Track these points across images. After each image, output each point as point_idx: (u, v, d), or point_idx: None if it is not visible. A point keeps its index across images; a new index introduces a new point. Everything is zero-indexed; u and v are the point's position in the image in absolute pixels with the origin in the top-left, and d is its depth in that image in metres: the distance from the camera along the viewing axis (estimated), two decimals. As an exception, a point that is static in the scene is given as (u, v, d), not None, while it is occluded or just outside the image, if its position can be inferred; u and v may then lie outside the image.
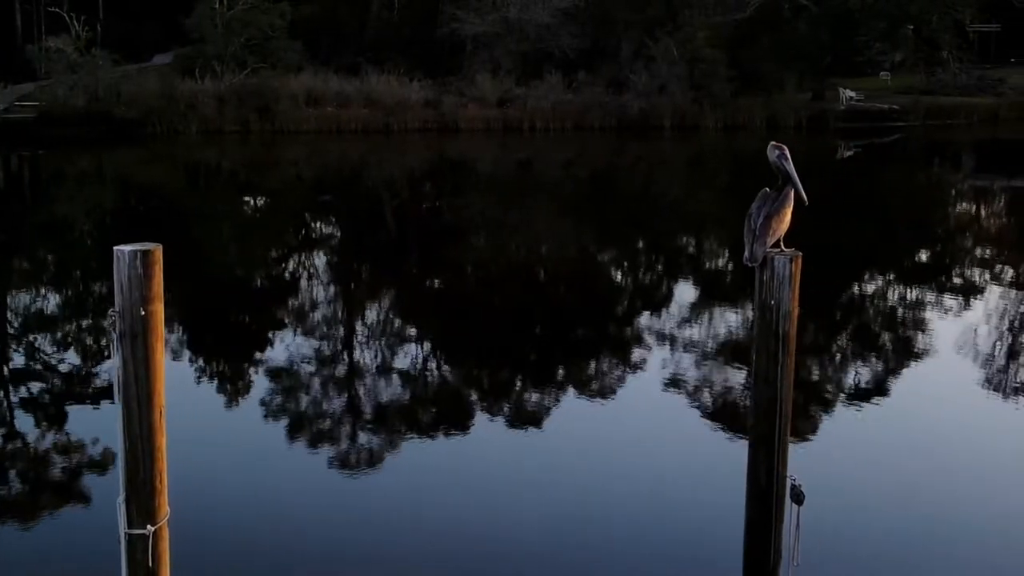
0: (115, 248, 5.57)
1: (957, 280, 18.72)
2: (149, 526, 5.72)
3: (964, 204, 30.83)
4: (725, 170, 40.18)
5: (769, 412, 6.29)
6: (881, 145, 44.25)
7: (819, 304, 16.51)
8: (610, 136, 46.05)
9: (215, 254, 22.81)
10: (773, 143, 6.43)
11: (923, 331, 14.41)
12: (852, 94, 48.31)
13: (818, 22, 48.41)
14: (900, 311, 16.25)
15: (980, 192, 33.27)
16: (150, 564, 5.74)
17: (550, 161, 41.59)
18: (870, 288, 18.17)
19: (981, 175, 38.30)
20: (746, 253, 6.22)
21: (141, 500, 5.73)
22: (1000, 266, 20.17)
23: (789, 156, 6.36)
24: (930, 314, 15.67)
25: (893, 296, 17.49)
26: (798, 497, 6.33)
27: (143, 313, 5.57)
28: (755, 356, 6.36)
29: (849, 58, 50.04)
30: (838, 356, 13.55)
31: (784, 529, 6.37)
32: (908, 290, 18.07)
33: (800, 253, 6.24)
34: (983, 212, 29.19)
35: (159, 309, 5.64)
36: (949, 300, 16.93)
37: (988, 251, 22.18)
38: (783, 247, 6.30)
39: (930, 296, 17.44)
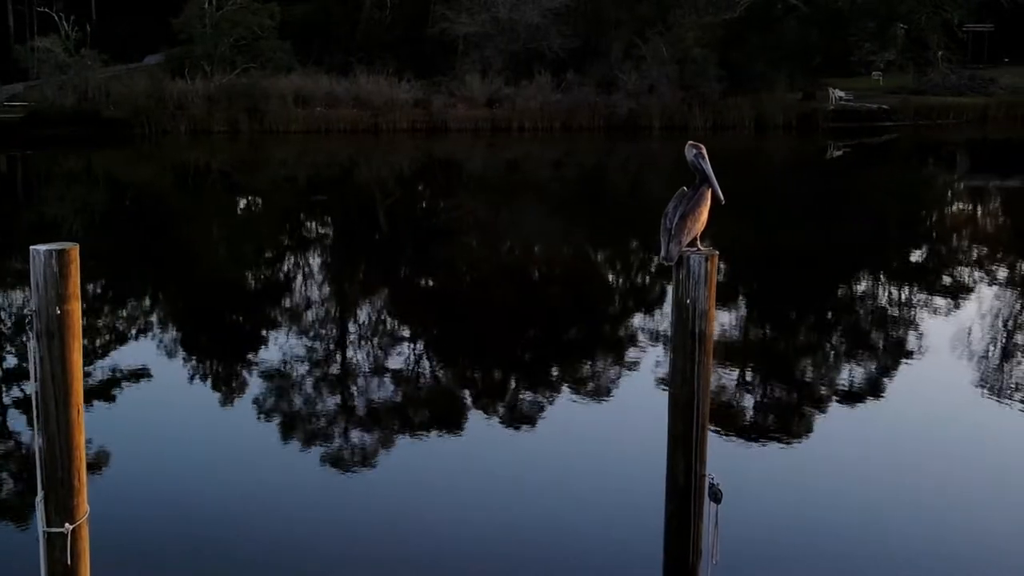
0: (31, 248, 5.61)
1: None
2: (68, 524, 5.77)
3: (950, 203, 30.81)
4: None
5: (686, 411, 6.33)
6: (870, 145, 44.27)
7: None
8: (598, 136, 46.10)
9: (207, 254, 22.87)
10: (691, 142, 6.47)
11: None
12: (842, 94, 48.34)
13: (808, 22, 48.41)
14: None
15: (966, 191, 33.31)
16: (68, 562, 5.78)
17: (539, 161, 41.63)
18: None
19: (967, 174, 38.34)
20: (662, 252, 6.25)
21: (60, 499, 5.77)
22: (973, 266, 20.21)
23: (706, 155, 6.40)
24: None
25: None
26: (716, 496, 6.37)
27: (59, 312, 5.63)
28: (672, 355, 6.40)
29: (839, 58, 50.03)
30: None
31: (704, 528, 6.43)
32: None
33: (716, 252, 6.27)
34: (967, 211, 29.22)
35: (76, 308, 5.69)
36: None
37: (965, 250, 22.22)
38: (700, 245, 6.34)
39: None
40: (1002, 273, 19.17)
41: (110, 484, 8.92)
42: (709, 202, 6.36)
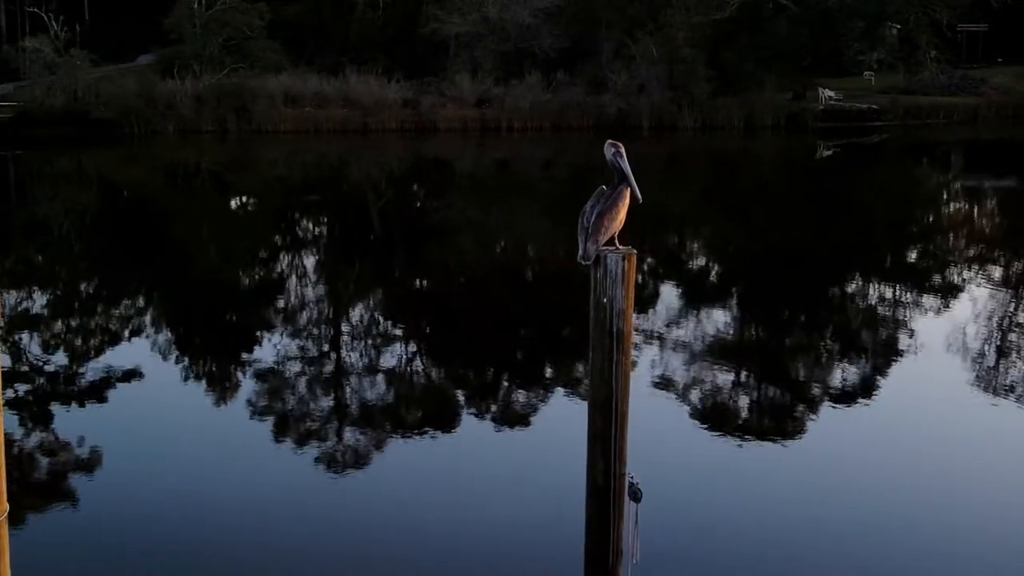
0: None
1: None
2: (-17, 521, 5.73)
3: (939, 203, 30.85)
4: (701, 170, 40.23)
5: (605, 410, 6.29)
6: (859, 145, 44.24)
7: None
8: (588, 136, 46.01)
9: (200, 254, 22.93)
10: (610, 141, 6.43)
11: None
12: (831, 94, 48.28)
13: (798, 22, 48.32)
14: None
15: (956, 191, 33.37)
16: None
17: (529, 161, 41.62)
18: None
19: (957, 174, 38.34)
20: (580, 251, 6.23)
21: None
22: (962, 265, 20.26)
23: (625, 154, 6.36)
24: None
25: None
26: (636, 495, 6.34)
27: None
28: (591, 354, 6.37)
29: (830, 58, 49.96)
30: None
31: (624, 527, 6.40)
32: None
33: (634, 251, 6.24)
34: (957, 211, 29.26)
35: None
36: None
37: (955, 249, 22.24)
38: (618, 244, 6.31)
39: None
40: (991, 272, 19.21)
41: (105, 483, 9.02)
42: (627, 201, 6.32)
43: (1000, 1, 50.39)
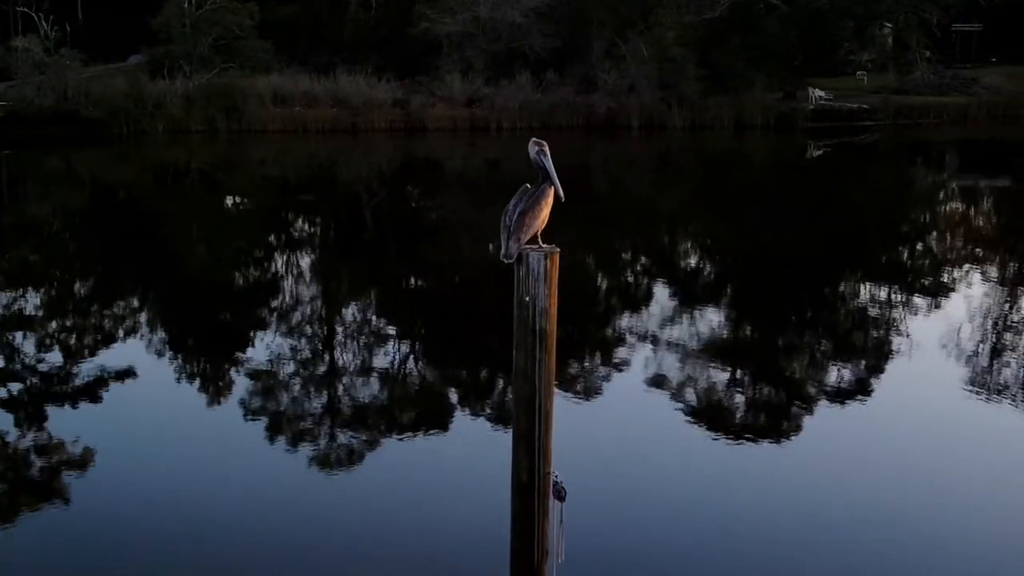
0: None
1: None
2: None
3: (927, 202, 30.84)
4: (691, 169, 40.25)
5: (529, 409, 6.28)
6: (849, 144, 44.23)
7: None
8: (577, 136, 46.05)
9: (193, 254, 22.98)
10: (534, 139, 6.42)
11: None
12: (821, 93, 48.26)
13: (788, 22, 48.30)
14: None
15: (945, 190, 33.41)
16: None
17: (518, 161, 41.50)
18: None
19: (946, 173, 38.37)
20: (502, 249, 6.22)
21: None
22: (950, 264, 20.27)
23: (548, 153, 6.35)
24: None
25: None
26: (560, 494, 6.33)
27: None
28: (515, 353, 6.36)
29: (820, 58, 49.94)
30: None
31: (549, 526, 6.38)
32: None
33: (558, 249, 6.23)
34: (946, 210, 29.27)
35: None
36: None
37: (945, 249, 22.27)
38: (541, 243, 6.30)
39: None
40: (982, 270, 19.22)
41: (98, 482, 9.05)
42: (551, 200, 6.31)
43: (989, 0, 50.37)
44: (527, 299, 6.18)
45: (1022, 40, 58.09)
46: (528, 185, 6.39)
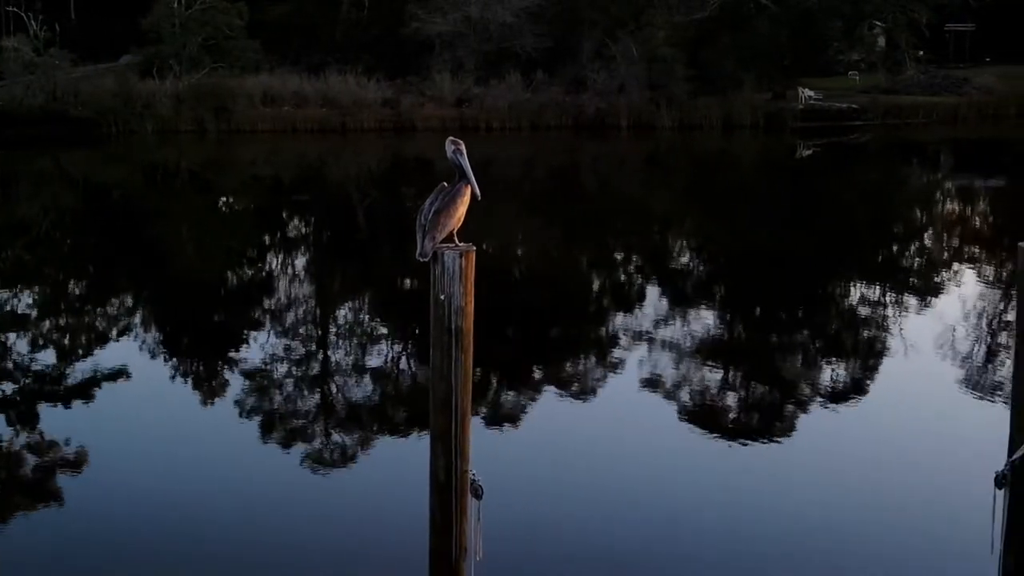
0: None
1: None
2: None
3: (914, 201, 30.90)
4: (680, 169, 40.31)
5: (445, 408, 6.29)
6: (838, 144, 44.27)
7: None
8: (566, 136, 46.11)
9: (187, 254, 23.05)
10: (451, 138, 6.43)
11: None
12: (811, 93, 48.26)
13: (778, 22, 48.31)
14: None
15: (930, 190, 33.47)
16: None
17: (508, 161, 41.68)
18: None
19: (931, 172, 38.42)
20: (417, 248, 6.23)
21: None
22: (933, 261, 20.33)
23: (465, 151, 6.36)
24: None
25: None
26: (477, 492, 6.35)
27: None
28: (432, 352, 6.38)
29: (810, 57, 49.95)
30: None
31: (467, 524, 6.40)
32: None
33: (473, 248, 6.24)
34: (931, 209, 29.33)
35: None
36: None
37: (931, 249, 22.32)
38: (457, 241, 6.31)
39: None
40: (971, 269, 19.25)
41: (91, 482, 9.12)
42: (467, 199, 6.33)
43: (979, 0, 50.43)
44: (442, 298, 6.20)
45: (1016, 40, 58.11)
46: (445, 184, 6.41)
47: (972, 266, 19.69)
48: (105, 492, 8.93)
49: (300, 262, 21.82)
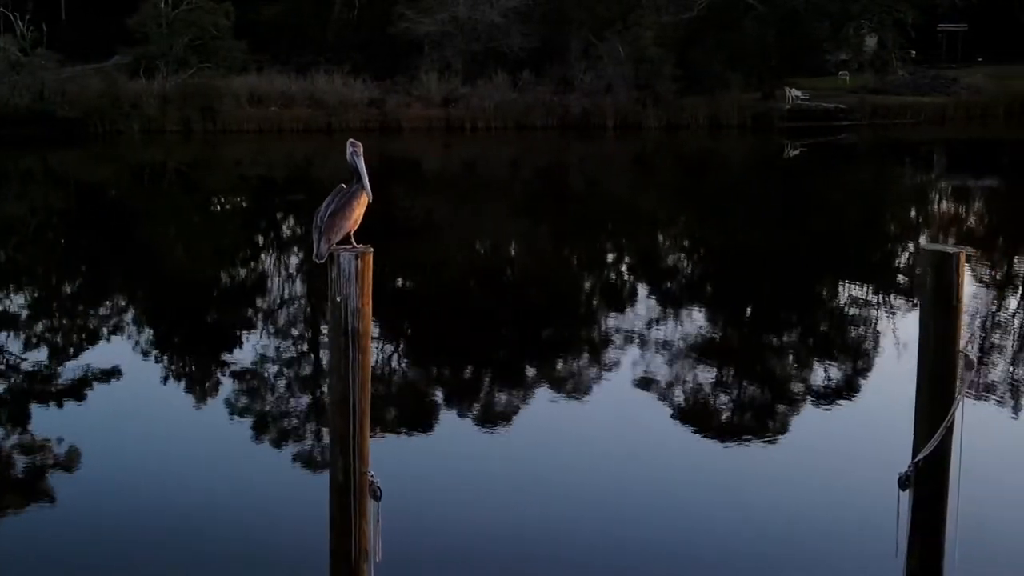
0: None
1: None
2: None
3: (901, 200, 30.94)
4: (668, 169, 40.33)
5: (343, 409, 6.29)
6: (825, 144, 44.25)
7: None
8: (552, 136, 46.10)
9: (182, 254, 23.14)
10: (351, 140, 6.47)
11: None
12: (798, 93, 48.22)
13: (765, 21, 48.28)
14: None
15: (916, 189, 33.51)
16: None
17: (495, 161, 41.73)
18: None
19: (917, 173, 38.44)
20: (314, 250, 6.24)
21: None
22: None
23: (361, 153, 6.38)
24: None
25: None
26: (376, 494, 6.35)
27: None
28: (330, 353, 6.38)
29: (797, 58, 49.91)
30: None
31: (367, 526, 6.39)
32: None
33: (371, 249, 6.24)
34: (918, 208, 29.37)
35: None
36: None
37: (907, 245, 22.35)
38: (354, 242, 6.32)
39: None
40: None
41: (84, 481, 9.14)
42: (363, 201, 6.35)
43: (965, 0, 50.46)
44: (339, 299, 6.20)
45: (1008, 40, 58.10)
46: (343, 185, 6.42)
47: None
48: (97, 491, 8.97)
49: (292, 261, 21.74)
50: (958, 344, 6.54)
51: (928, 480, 6.49)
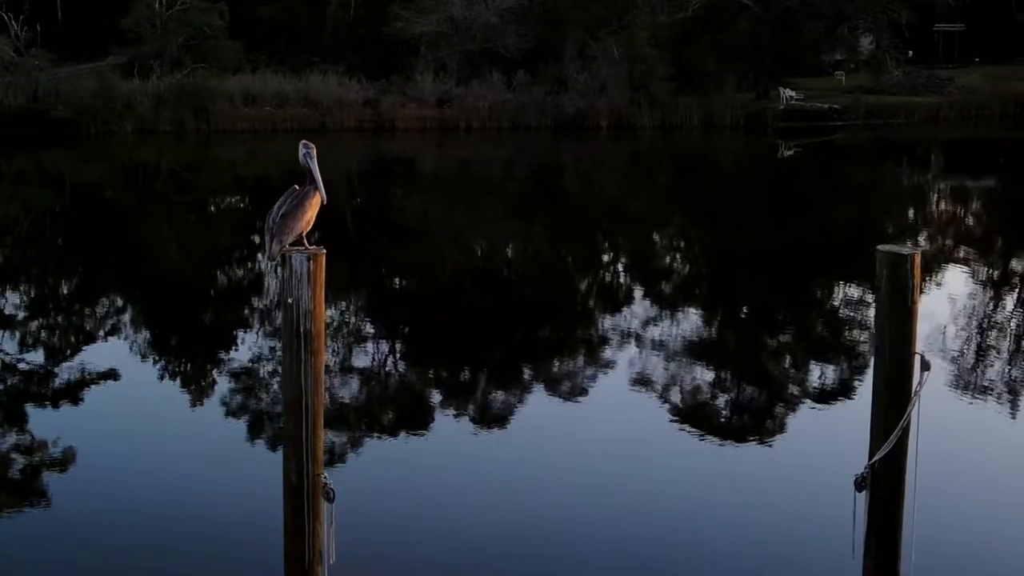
0: None
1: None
2: None
3: (894, 200, 30.94)
4: (662, 169, 40.33)
5: (296, 411, 6.28)
6: (818, 144, 44.24)
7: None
8: (546, 136, 46.07)
9: (177, 255, 23.10)
10: (304, 141, 6.46)
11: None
12: (792, 93, 48.18)
13: (760, 22, 48.25)
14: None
15: (909, 189, 33.54)
16: None
17: (489, 161, 41.71)
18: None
19: (910, 172, 38.46)
20: (265, 252, 6.23)
21: None
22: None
23: (315, 155, 6.38)
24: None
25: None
26: (328, 496, 6.34)
27: None
28: (283, 355, 6.37)
29: (791, 58, 49.85)
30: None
31: (321, 528, 6.38)
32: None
33: (324, 250, 6.23)
34: (907, 208, 29.39)
35: None
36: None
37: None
38: (307, 243, 6.30)
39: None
40: (952, 267, 19.26)
41: (79, 481, 9.19)
42: (316, 202, 6.34)
43: (960, 0, 50.46)
44: (290, 301, 6.19)
45: (1005, 40, 58.04)
46: (296, 187, 6.41)
47: (954, 264, 19.69)
48: (92, 491, 9.02)
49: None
50: (914, 346, 6.53)
51: (884, 481, 6.47)
